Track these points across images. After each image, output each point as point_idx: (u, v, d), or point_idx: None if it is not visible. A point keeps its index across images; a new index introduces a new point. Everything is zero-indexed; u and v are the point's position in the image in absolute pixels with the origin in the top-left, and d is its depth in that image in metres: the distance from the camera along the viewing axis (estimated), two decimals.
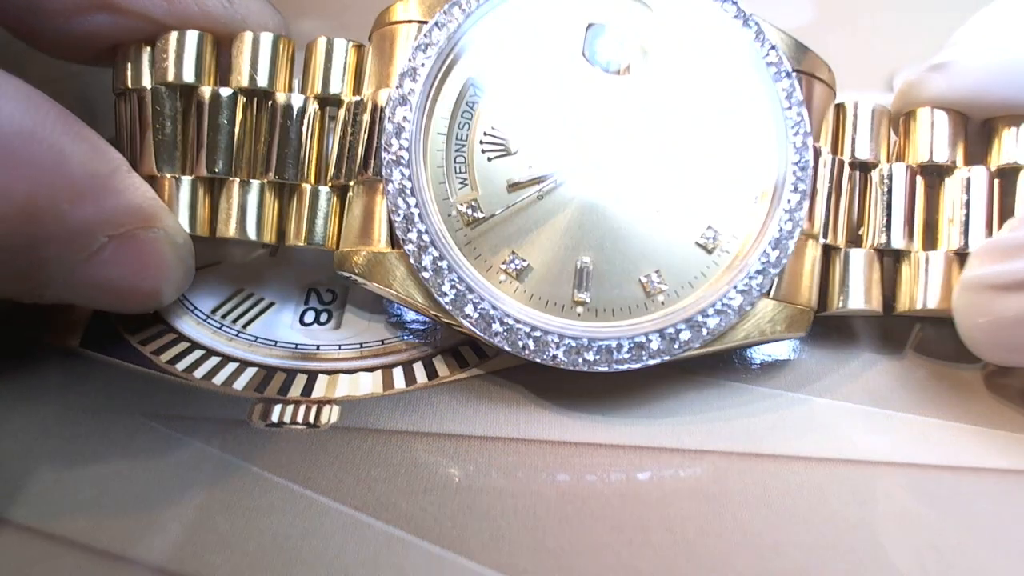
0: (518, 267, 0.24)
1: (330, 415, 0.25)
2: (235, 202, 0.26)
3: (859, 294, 0.25)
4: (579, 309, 0.24)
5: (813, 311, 0.25)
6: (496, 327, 0.24)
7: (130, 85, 0.26)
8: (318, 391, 0.25)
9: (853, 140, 0.26)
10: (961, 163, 0.25)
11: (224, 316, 0.27)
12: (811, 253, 0.25)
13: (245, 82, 0.26)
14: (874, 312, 0.25)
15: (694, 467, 0.23)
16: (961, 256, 0.25)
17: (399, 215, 0.24)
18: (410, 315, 0.27)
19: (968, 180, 0.25)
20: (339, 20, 0.40)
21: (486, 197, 0.24)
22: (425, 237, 0.24)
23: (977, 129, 0.26)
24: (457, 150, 0.25)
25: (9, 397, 0.25)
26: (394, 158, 0.24)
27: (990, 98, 0.25)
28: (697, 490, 0.23)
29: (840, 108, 0.26)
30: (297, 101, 0.26)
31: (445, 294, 0.24)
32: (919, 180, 0.25)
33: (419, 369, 0.26)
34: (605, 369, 0.24)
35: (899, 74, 0.36)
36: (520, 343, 0.24)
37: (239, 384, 0.25)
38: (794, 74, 0.25)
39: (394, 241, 0.24)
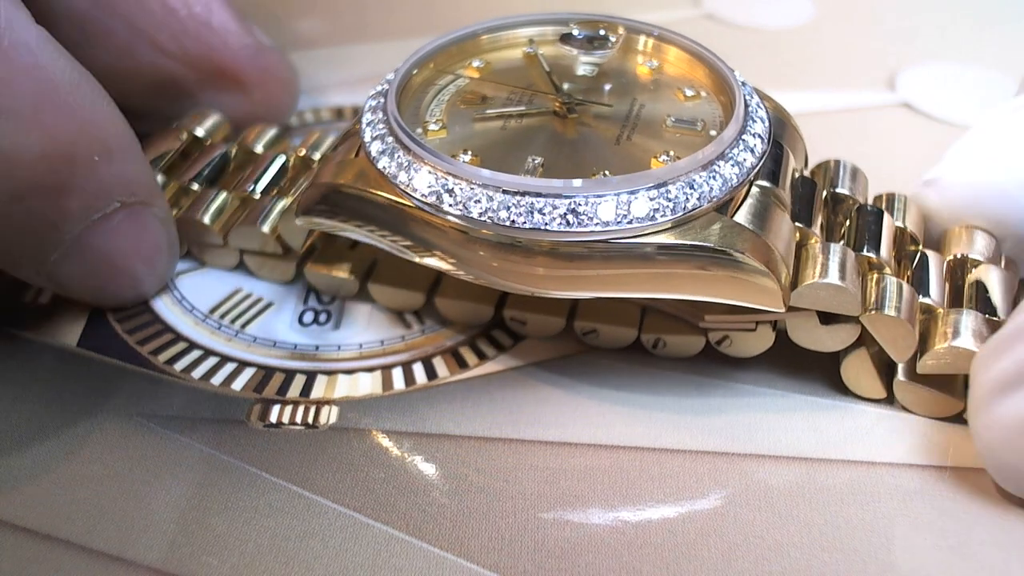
0: (466, 161, 0.24)
1: (329, 416, 0.25)
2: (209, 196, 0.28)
3: (835, 272, 0.23)
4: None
5: (784, 290, 0.23)
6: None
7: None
8: (317, 391, 0.25)
9: (834, 179, 0.27)
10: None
11: (223, 316, 0.27)
12: (784, 217, 0.24)
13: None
14: (848, 293, 0.23)
15: (695, 468, 0.23)
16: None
17: (369, 129, 0.24)
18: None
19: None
20: (340, 21, 0.40)
21: (452, 132, 0.25)
22: (389, 139, 0.24)
23: None
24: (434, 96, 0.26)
25: (5, 397, 0.25)
26: (374, 102, 0.25)
27: (976, 211, 0.26)
28: (698, 491, 0.23)
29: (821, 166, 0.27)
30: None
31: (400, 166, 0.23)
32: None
33: (418, 370, 0.26)
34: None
35: (900, 74, 0.36)
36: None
37: (237, 384, 0.25)
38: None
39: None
